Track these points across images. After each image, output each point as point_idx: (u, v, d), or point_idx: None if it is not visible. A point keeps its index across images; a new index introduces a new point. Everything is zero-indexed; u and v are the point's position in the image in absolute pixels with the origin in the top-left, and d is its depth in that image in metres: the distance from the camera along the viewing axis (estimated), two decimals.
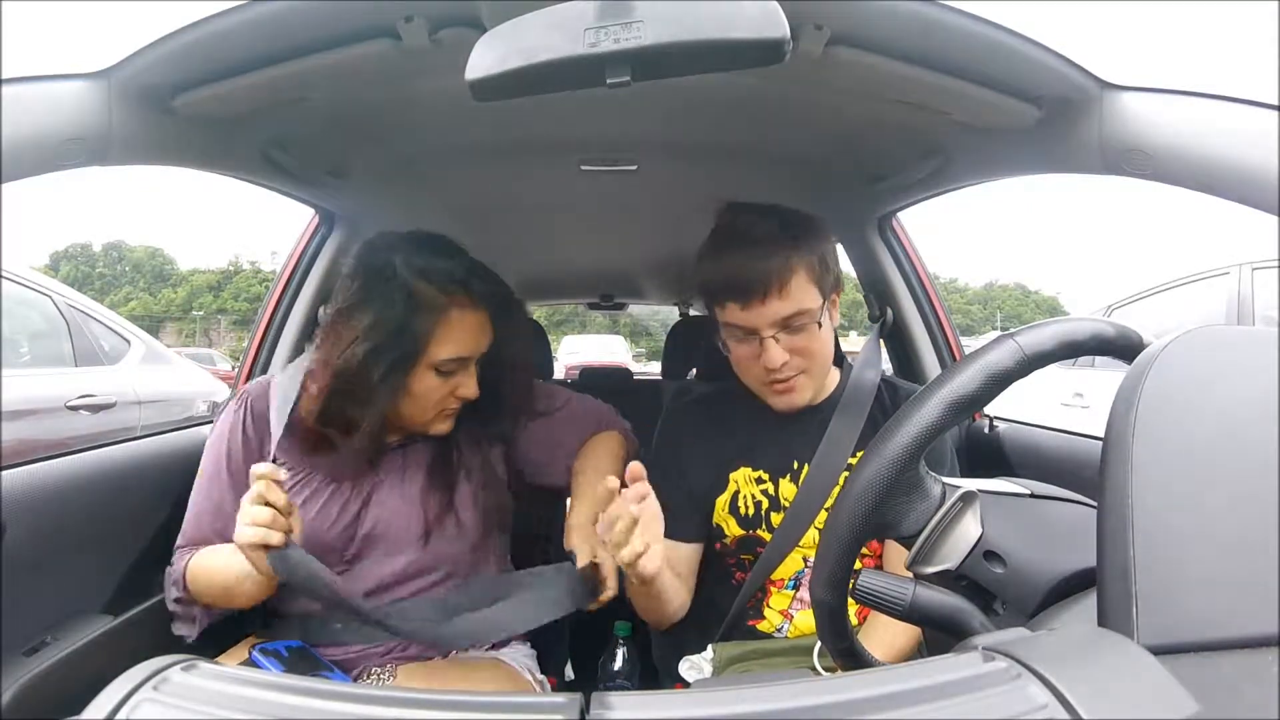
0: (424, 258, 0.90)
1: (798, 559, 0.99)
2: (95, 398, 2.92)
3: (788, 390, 0.96)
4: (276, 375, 1.02)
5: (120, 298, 45.62)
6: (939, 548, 0.51)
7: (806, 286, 0.92)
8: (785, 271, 0.90)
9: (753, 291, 0.90)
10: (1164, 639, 0.33)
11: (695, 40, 0.50)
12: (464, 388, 0.93)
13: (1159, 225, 69.58)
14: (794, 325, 0.92)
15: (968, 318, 49.43)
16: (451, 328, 0.90)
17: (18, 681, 0.86)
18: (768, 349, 0.92)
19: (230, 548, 0.85)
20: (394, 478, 0.97)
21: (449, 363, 0.91)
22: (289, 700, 0.31)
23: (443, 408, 0.94)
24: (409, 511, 0.95)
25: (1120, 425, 0.38)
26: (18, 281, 2.92)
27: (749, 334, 0.93)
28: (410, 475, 0.98)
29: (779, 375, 0.94)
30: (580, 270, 2.60)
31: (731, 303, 0.93)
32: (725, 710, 0.30)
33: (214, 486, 0.95)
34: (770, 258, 0.90)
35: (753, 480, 1.01)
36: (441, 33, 0.72)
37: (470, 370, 0.94)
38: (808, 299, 0.92)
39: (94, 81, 0.73)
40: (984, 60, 0.75)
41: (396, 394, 0.90)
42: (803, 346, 0.94)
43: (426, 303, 0.88)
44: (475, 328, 0.92)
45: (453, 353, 0.91)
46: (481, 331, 0.93)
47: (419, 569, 0.95)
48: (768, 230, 0.92)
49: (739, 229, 0.94)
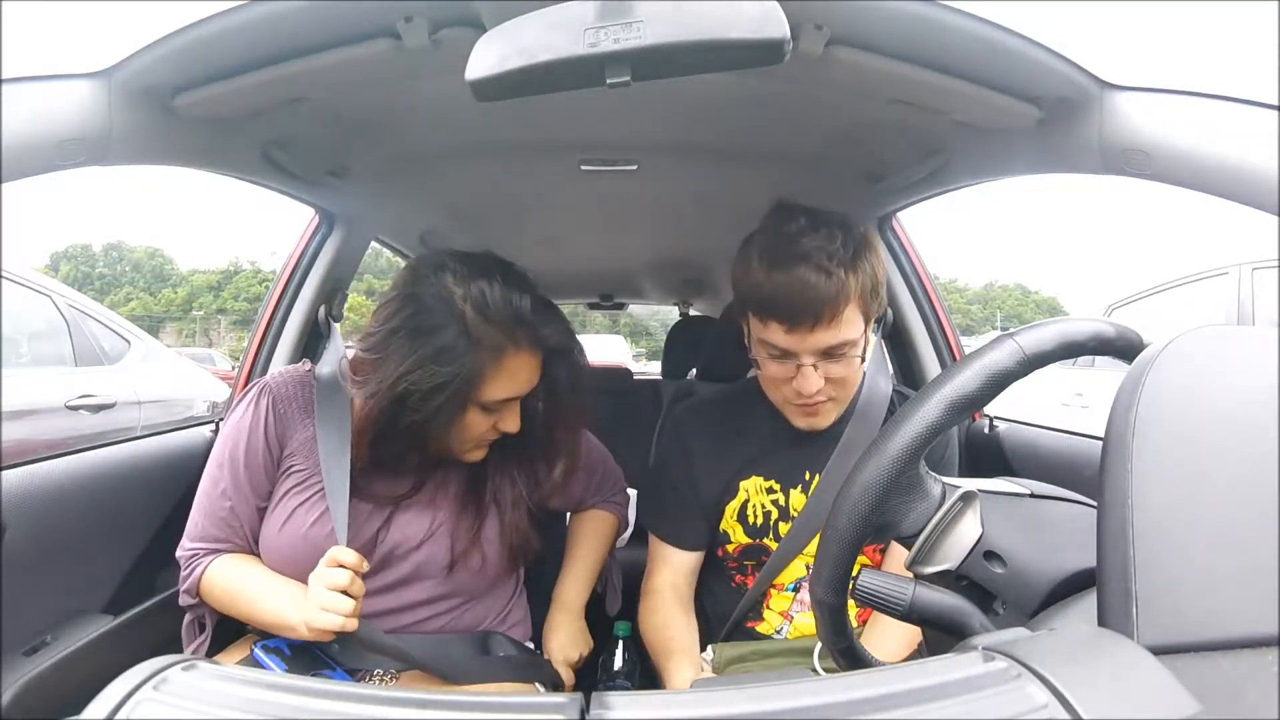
0: (486, 290, 0.84)
1: (799, 565, 0.98)
2: (95, 398, 2.92)
3: (813, 414, 0.94)
4: (309, 369, 0.98)
5: (120, 298, 45.62)
6: (939, 548, 0.51)
7: (855, 316, 0.87)
8: (841, 300, 0.85)
9: (803, 317, 0.85)
10: (1164, 639, 0.33)
11: (695, 40, 0.50)
12: (505, 423, 0.90)
13: (1159, 225, 69.60)
14: (836, 354, 0.88)
15: (968, 318, 49.43)
16: (505, 369, 0.85)
17: (18, 681, 0.86)
18: (805, 375, 0.88)
19: (264, 582, 0.85)
20: (421, 503, 0.93)
21: (498, 402, 0.87)
22: (289, 700, 0.31)
23: (482, 440, 0.92)
24: (435, 542, 0.92)
25: (1120, 425, 0.38)
26: (18, 281, 2.92)
27: (787, 355, 0.89)
28: (439, 502, 0.94)
29: (809, 400, 0.91)
30: (580, 270, 2.60)
31: (775, 322, 0.87)
32: (725, 710, 0.30)
33: (227, 482, 0.90)
34: (827, 283, 0.84)
35: (763, 490, 0.99)
36: (441, 33, 0.72)
37: (515, 407, 0.90)
38: (854, 329, 0.88)
39: (94, 81, 0.73)
40: (984, 60, 0.75)
41: (444, 429, 0.86)
42: (840, 376, 0.90)
43: (486, 343, 0.83)
44: (529, 369, 0.88)
45: (504, 394, 0.87)
46: (534, 371, 0.89)
47: (438, 597, 0.93)
48: (827, 249, 0.85)
49: (795, 241, 0.86)
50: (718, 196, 1.46)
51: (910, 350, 1.49)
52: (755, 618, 1.01)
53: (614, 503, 1.16)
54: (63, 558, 0.97)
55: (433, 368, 0.81)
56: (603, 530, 1.13)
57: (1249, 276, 3.21)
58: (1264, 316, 3.05)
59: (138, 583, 1.09)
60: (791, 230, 0.88)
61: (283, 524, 0.88)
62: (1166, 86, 0.72)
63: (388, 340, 0.84)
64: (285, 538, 0.88)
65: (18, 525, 0.87)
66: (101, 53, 0.72)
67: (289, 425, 0.92)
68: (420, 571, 0.92)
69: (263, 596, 0.85)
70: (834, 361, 0.89)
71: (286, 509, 0.89)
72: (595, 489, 1.14)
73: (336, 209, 1.39)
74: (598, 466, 1.13)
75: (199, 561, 0.89)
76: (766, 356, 0.92)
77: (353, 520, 0.86)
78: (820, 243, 0.85)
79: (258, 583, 0.87)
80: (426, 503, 0.94)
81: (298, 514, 0.88)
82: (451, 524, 0.93)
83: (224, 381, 4.31)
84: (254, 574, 0.88)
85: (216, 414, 1.39)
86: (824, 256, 0.84)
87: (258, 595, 0.85)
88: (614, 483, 1.16)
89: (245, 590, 0.86)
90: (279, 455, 0.91)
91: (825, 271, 0.84)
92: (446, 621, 0.94)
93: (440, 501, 0.94)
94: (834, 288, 0.84)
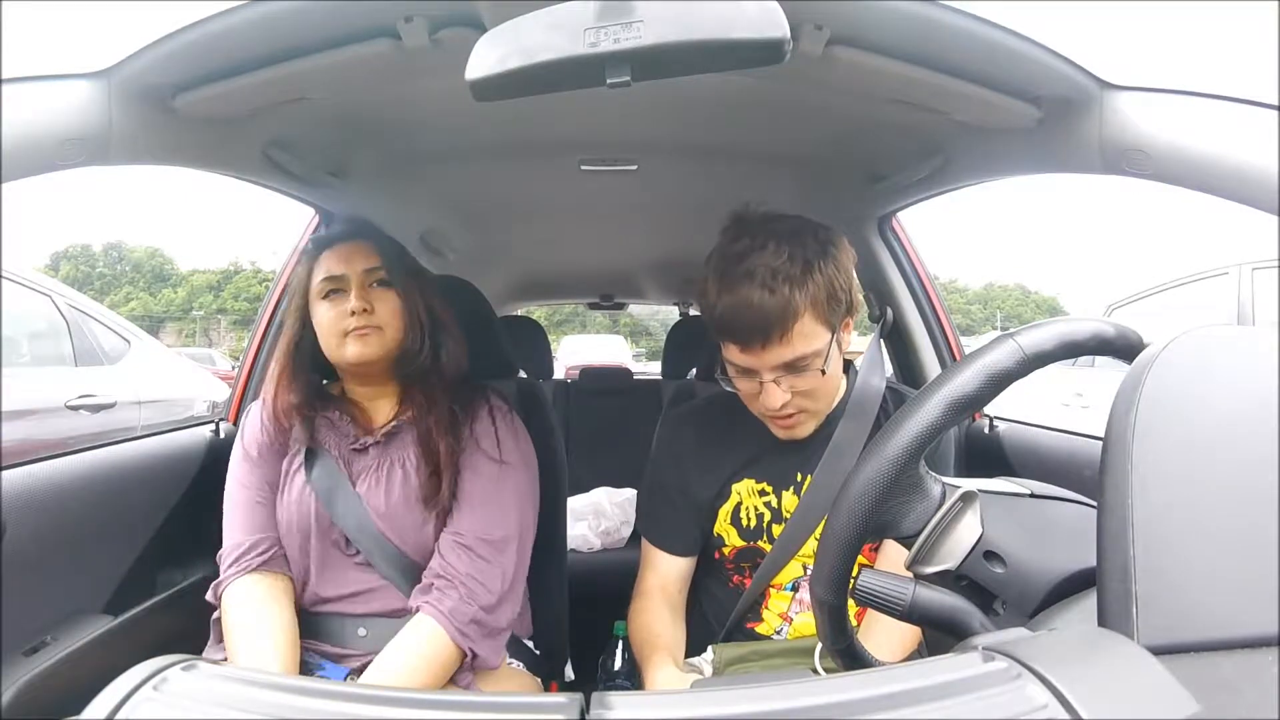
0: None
1: (796, 566, 0.98)
2: (95, 398, 2.92)
3: (789, 426, 0.94)
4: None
5: (120, 298, 45.58)
6: (939, 548, 0.51)
7: (812, 327, 0.86)
8: (789, 317, 0.83)
9: (752, 337, 0.85)
10: (1164, 639, 0.33)
11: (695, 40, 0.50)
12: (350, 304, 0.94)
13: (1159, 225, 69.62)
14: (797, 368, 0.87)
15: (968, 318, 49.38)
16: (322, 262, 0.97)
17: (18, 681, 0.86)
18: (767, 391, 0.88)
19: (263, 662, 0.84)
20: (380, 478, 0.96)
21: (324, 284, 0.95)
22: (289, 700, 0.31)
23: (342, 329, 0.95)
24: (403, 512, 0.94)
25: (1120, 425, 0.38)
26: (18, 281, 2.92)
27: (749, 372, 0.89)
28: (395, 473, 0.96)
29: (779, 414, 0.91)
30: (580, 270, 2.60)
31: (730, 342, 0.88)
32: (725, 710, 0.30)
33: (246, 478, 0.97)
34: (771, 301, 0.83)
35: (755, 492, 1.00)
36: (441, 33, 0.72)
37: (352, 290, 0.95)
38: (814, 341, 0.86)
39: (94, 81, 0.73)
40: (984, 60, 0.75)
41: (305, 332, 0.97)
42: (807, 389, 0.90)
43: (306, 260, 0.99)
44: (346, 252, 0.97)
45: (324, 274, 0.96)
46: (355, 253, 0.97)
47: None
48: (772, 265, 0.84)
49: (741, 259, 0.85)
50: (718, 196, 1.46)
51: (910, 350, 1.49)
52: (754, 618, 1.01)
53: (465, 608, 0.88)
54: (63, 558, 0.97)
55: (289, 304, 1.00)
56: (436, 665, 0.85)
57: (1249, 276, 3.21)
58: (1264, 316, 3.05)
59: (138, 583, 1.09)
60: (737, 249, 0.87)
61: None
62: (1166, 86, 0.72)
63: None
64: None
65: (18, 525, 0.87)
66: (101, 53, 0.72)
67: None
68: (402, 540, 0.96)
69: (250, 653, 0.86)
70: (797, 375, 0.88)
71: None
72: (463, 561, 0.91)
73: (336, 209, 1.39)
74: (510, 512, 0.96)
75: (224, 579, 0.93)
76: (734, 373, 0.92)
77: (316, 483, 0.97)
78: (766, 260, 0.84)
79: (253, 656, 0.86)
80: (384, 474, 0.97)
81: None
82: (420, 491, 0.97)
83: (224, 382, 4.31)
84: (259, 649, 0.87)
85: (216, 414, 1.39)
86: (768, 275, 0.83)
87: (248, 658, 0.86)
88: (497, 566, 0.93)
89: (240, 653, 0.86)
90: (283, 455, 0.99)
91: (769, 289, 0.83)
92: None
93: (398, 474, 0.98)
94: (779, 305, 0.83)
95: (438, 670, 0.84)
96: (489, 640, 0.90)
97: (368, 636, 0.91)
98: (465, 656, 0.87)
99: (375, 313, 0.94)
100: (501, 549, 0.93)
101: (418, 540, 0.93)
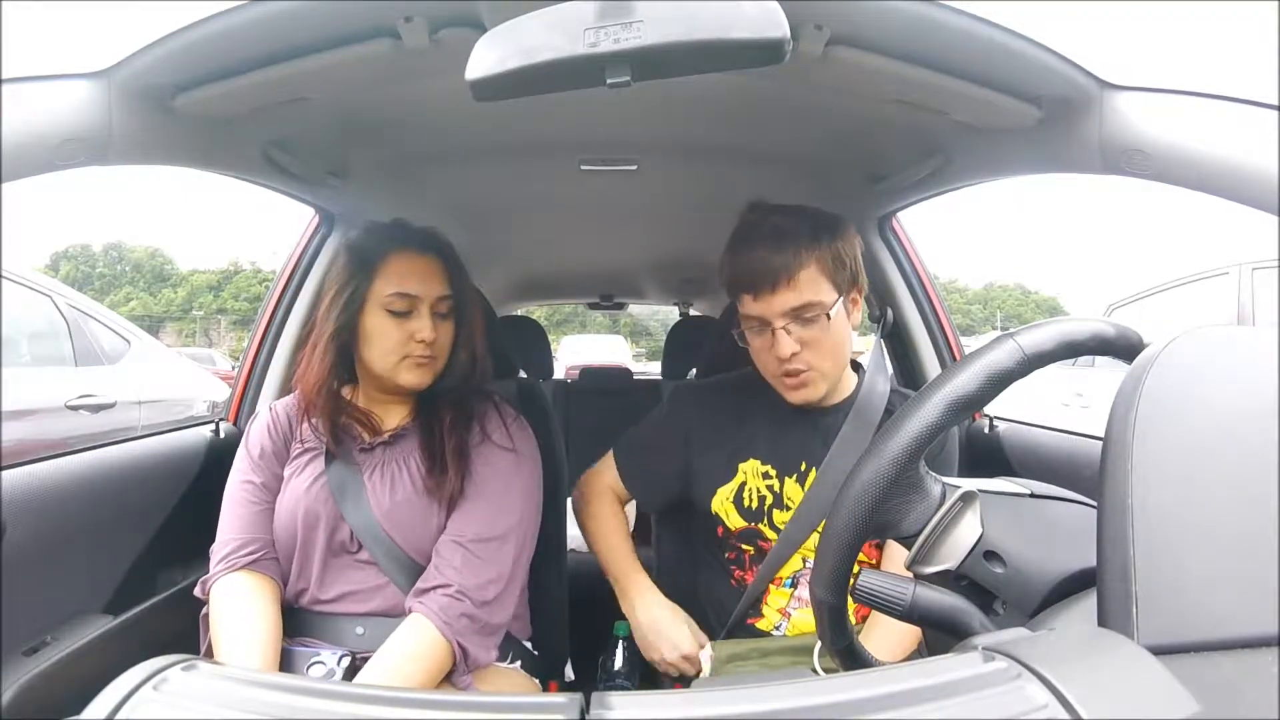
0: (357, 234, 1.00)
1: (797, 559, 0.99)
2: (95, 398, 2.92)
3: (800, 385, 0.97)
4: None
5: (120, 298, 45.54)
6: (939, 548, 0.51)
7: (818, 279, 0.94)
8: (795, 264, 0.92)
9: (763, 282, 0.93)
10: (1164, 639, 0.33)
11: (695, 40, 0.50)
12: (420, 331, 0.94)
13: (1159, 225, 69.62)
14: (805, 317, 0.94)
15: (968, 318, 49.35)
16: (392, 267, 0.95)
17: (18, 681, 0.86)
18: (778, 339, 0.94)
19: (244, 650, 0.85)
20: (385, 476, 0.96)
21: (395, 298, 0.94)
22: (289, 700, 0.31)
23: (404, 353, 0.94)
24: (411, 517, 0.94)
25: (1120, 425, 0.38)
26: (18, 281, 2.92)
27: (763, 325, 0.96)
28: (401, 474, 0.97)
29: (791, 366, 0.95)
30: (580, 270, 2.61)
31: (745, 294, 0.96)
32: (725, 710, 0.30)
33: (247, 478, 0.97)
34: (782, 250, 0.93)
35: (760, 474, 1.01)
36: (441, 33, 0.72)
37: (424, 314, 0.95)
38: (819, 292, 0.94)
39: (94, 81, 0.73)
40: (984, 60, 0.75)
41: (351, 335, 0.95)
42: (814, 338, 0.95)
43: (366, 254, 0.96)
44: (422, 269, 0.96)
45: (397, 288, 0.94)
46: (430, 274, 0.96)
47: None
48: (782, 225, 0.95)
49: (756, 224, 0.97)
50: (718, 196, 1.46)
51: (910, 350, 1.49)
52: (754, 614, 1.02)
53: (456, 604, 0.87)
54: (63, 558, 0.97)
55: (333, 289, 0.96)
56: (425, 662, 0.84)
57: (1249, 276, 3.21)
58: (1264, 316, 3.05)
59: (138, 583, 1.09)
60: (755, 218, 0.98)
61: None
62: (1166, 86, 0.72)
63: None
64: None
65: (18, 525, 0.87)
66: (101, 53, 0.72)
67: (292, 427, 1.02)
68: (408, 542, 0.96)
69: (234, 645, 0.87)
70: (805, 326, 0.94)
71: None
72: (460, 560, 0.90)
73: (336, 209, 1.39)
74: (515, 505, 0.96)
75: (213, 575, 0.93)
76: (749, 332, 0.99)
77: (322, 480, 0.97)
78: (777, 222, 0.95)
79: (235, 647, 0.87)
80: (390, 475, 0.97)
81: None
82: (426, 493, 0.97)
83: (224, 382, 4.31)
84: (243, 642, 0.88)
85: (216, 414, 1.39)
86: (779, 234, 0.94)
87: (229, 647, 0.87)
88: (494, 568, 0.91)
89: (221, 642, 0.88)
90: (286, 453, 1.01)
91: (779, 245, 0.93)
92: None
93: (404, 474, 0.98)
94: (788, 256, 0.92)
95: (429, 667, 0.84)
96: (480, 636, 0.89)
97: (365, 635, 0.91)
98: (456, 653, 0.86)
99: (437, 342, 0.96)
100: (499, 546, 0.93)
101: (419, 539, 0.93)
